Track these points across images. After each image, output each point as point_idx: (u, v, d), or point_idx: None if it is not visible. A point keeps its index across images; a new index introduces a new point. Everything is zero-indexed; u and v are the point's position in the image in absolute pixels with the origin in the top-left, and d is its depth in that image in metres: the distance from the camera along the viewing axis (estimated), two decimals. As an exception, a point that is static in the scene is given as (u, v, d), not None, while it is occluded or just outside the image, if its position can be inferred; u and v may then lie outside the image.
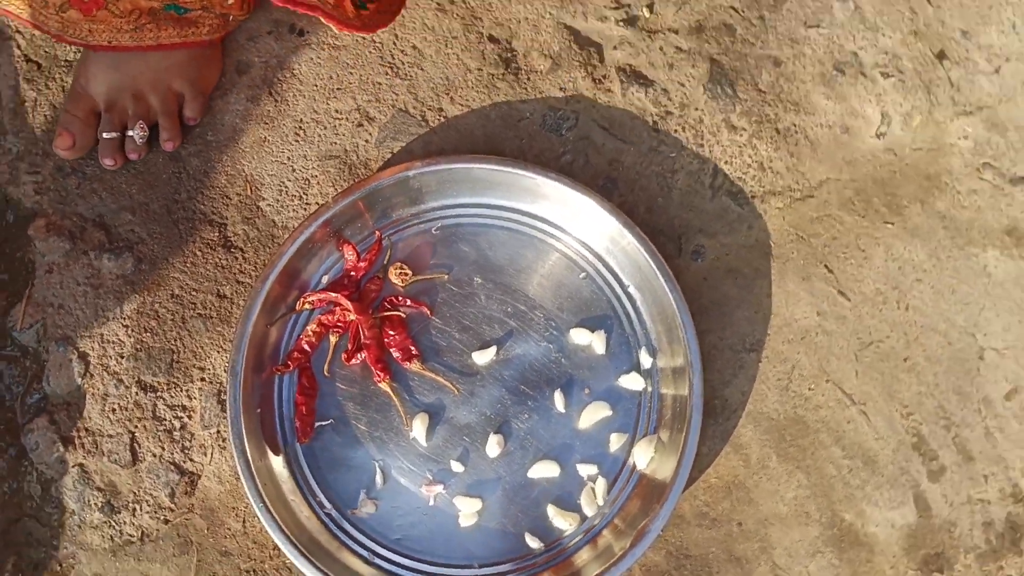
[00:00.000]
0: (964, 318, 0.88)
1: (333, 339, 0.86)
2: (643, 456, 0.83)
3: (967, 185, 0.92)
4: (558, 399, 0.85)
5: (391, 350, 0.85)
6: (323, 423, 0.84)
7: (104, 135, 0.90)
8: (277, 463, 0.82)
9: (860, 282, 0.89)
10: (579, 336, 0.86)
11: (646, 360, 0.86)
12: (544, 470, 0.83)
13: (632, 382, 0.85)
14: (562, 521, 0.82)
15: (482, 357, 0.86)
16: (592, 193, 0.86)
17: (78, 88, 0.91)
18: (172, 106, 0.91)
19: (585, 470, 0.84)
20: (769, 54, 0.95)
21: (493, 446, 0.83)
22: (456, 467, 0.83)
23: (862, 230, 0.91)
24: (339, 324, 0.86)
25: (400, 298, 0.87)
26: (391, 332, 0.85)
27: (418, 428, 0.84)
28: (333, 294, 0.85)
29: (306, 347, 0.85)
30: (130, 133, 0.90)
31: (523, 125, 0.93)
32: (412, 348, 0.85)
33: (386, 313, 0.86)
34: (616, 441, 0.84)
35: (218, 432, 0.85)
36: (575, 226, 0.88)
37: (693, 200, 0.91)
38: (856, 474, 0.84)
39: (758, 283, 0.89)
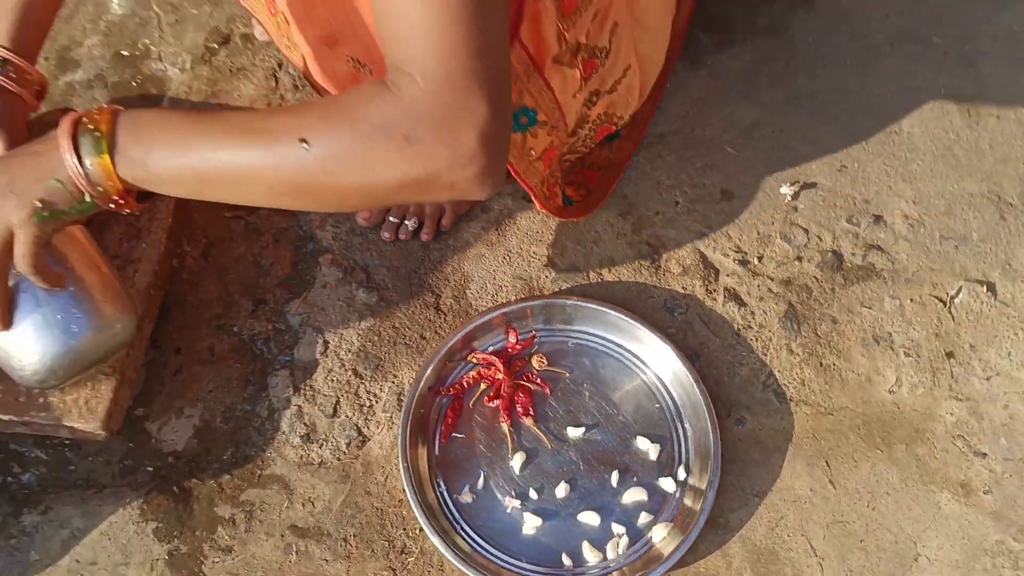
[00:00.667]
0: (912, 529, 1.21)
1: (483, 386, 1.27)
2: (658, 535, 1.17)
3: (942, 445, 1.27)
4: (614, 477, 1.21)
5: (517, 406, 1.25)
6: (458, 435, 1.24)
7: (390, 218, 1.37)
8: (422, 450, 1.22)
9: (847, 480, 1.24)
10: (642, 442, 1.23)
11: (681, 474, 1.22)
12: (589, 518, 1.19)
13: (667, 485, 1.21)
14: (590, 555, 1.16)
15: (574, 432, 1.24)
16: (681, 356, 1.26)
17: (383, 186, 1.40)
18: (436, 214, 1.38)
19: (617, 529, 1.18)
20: (831, 314, 1.36)
21: (562, 490, 1.20)
22: (533, 494, 1.20)
23: (859, 448, 1.26)
24: (489, 378, 1.27)
25: (534, 376, 1.28)
26: (521, 395, 1.26)
27: (517, 460, 1.22)
28: (493, 358, 1.27)
29: (464, 384, 1.26)
30: (406, 222, 1.38)
31: (649, 301, 1.35)
32: (531, 410, 1.25)
33: (522, 382, 1.27)
34: (644, 518, 1.19)
35: (390, 417, 1.26)
36: (662, 371, 1.27)
37: (748, 388, 1.30)
38: (801, 602, 1.17)
39: (776, 456, 1.25)
